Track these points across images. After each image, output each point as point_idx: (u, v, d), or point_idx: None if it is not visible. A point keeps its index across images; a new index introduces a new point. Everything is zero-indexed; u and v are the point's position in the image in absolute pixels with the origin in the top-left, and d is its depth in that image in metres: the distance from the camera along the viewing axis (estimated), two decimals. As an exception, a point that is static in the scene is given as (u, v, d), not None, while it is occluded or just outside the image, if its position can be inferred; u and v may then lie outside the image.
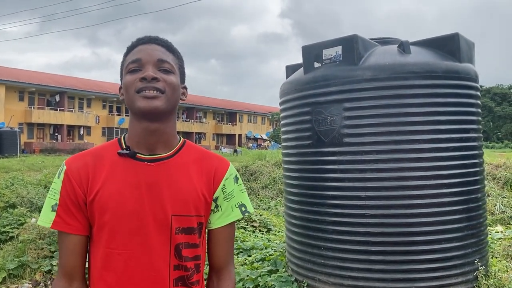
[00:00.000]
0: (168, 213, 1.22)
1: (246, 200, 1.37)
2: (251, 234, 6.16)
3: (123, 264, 1.21)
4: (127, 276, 1.21)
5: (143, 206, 1.22)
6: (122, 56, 1.32)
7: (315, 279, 3.30)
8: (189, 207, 1.24)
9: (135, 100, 1.20)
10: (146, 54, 1.23)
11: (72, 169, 1.24)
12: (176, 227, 1.23)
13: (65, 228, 1.22)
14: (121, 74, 1.29)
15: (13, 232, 5.48)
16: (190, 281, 1.27)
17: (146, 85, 1.19)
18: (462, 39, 3.24)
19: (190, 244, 1.26)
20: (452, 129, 3.11)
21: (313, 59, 3.34)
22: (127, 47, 1.31)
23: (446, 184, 3.06)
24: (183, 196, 1.24)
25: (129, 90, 1.21)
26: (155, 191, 1.23)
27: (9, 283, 4.50)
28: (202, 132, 54.85)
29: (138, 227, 1.21)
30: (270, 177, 11.65)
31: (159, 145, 1.26)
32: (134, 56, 1.24)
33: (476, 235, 3.18)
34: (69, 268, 1.24)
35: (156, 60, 1.22)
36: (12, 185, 8.19)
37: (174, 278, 1.24)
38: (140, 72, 1.21)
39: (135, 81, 1.20)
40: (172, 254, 1.23)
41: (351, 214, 3.10)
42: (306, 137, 3.37)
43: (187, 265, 1.25)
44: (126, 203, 1.21)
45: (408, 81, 3.04)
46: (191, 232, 1.26)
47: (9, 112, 37.36)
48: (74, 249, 1.23)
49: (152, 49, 1.24)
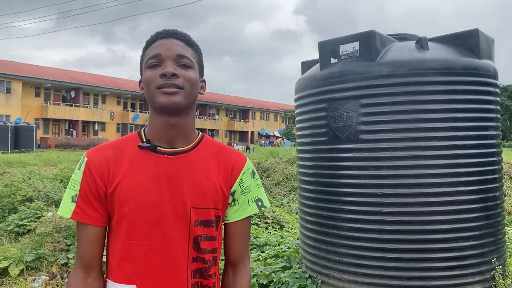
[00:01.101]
0: (187, 206, 1.24)
1: (262, 194, 1.38)
2: (264, 231, 6.18)
3: (142, 255, 1.22)
4: (146, 267, 1.22)
5: (163, 198, 1.23)
6: (141, 50, 1.32)
7: (330, 275, 3.30)
8: (207, 200, 1.26)
9: (156, 96, 1.21)
10: (165, 49, 1.24)
11: (93, 161, 1.26)
12: (195, 219, 1.25)
13: (85, 219, 1.24)
14: (141, 69, 1.30)
15: (31, 225, 5.58)
16: (208, 273, 1.28)
17: (166, 81, 1.20)
18: (482, 35, 3.19)
19: (208, 237, 1.27)
20: (470, 126, 3.07)
21: (330, 55, 3.32)
22: (146, 41, 1.31)
23: (463, 182, 3.02)
24: (202, 189, 1.26)
25: (150, 86, 1.23)
26: (175, 184, 1.25)
27: (26, 275, 4.58)
28: (214, 129, 54.99)
29: (157, 218, 1.22)
30: (282, 174, 11.64)
31: (179, 138, 1.28)
32: (154, 51, 1.24)
33: (493, 234, 3.14)
34: (87, 259, 1.25)
35: (176, 55, 1.24)
36: (29, 179, 8.31)
37: (192, 270, 1.25)
38: (160, 68, 1.22)
39: (155, 77, 1.22)
40: (191, 246, 1.25)
41: (366, 211, 3.08)
42: (321, 133, 3.36)
43: (205, 257, 1.27)
44: (146, 195, 1.22)
45: (426, 78, 3.00)
46: (209, 224, 1.27)
47: (26, 107, 37.94)
48: (93, 240, 1.25)
49: (171, 43, 1.25)
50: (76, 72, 46.84)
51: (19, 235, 5.64)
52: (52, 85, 40.45)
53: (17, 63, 41.25)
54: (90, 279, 1.25)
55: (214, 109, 56.15)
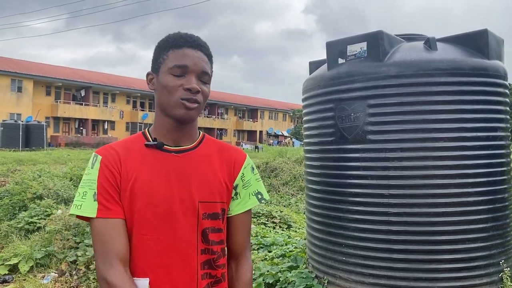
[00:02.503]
0: (195, 200, 1.30)
1: (262, 188, 1.47)
2: (271, 230, 6.18)
3: (153, 249, 1.27)
4: (158, 260, 1.27)
5: (172, 194, 1.29)
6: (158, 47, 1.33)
7: (336, 276, 3.30)
8: (214, 194, 1.33)
9: (177, 106, 1.27)
10: (192, 63, 1.29)
11: (108, 157, 1.30)
12: (203, 212, 1.31)
13: (110, 214, 1.24)
14: (156, 64, 1.32)
15: (40, 223, 5.65)
16: (217, 264, 1.35)
17: (190, 96, 1.27)
18: (491, 35, 3.17)
19: (215, 229, 1.34)
20: (478, 127, 3.05)
21: (337, 55, 3.32)
22: (169, 40, 1.32)
23: (471, 183, 3.00)
24: (208, 183, 1.33)
25: (172, 94, 1.27)
26: (183, 180, 1.31)
27: (36, 271, 4.64)
28: (223, 128, 55.12)
29: (167, 213, 1.28)
30: (290, 174, 11.65)
31: (184, 138, 1.35)
32: (181, 61, 1.28)
33: (502, 236, 3.12)
34: (122, 253, 1.23)
35: (201, 71, 1.30)
36: (40, 177, 8.41)
37: (201, 262, 1.31)
38: (184, 79, 1.27)
39: (179, 88, 1.27)
40: (199, 239, 1.31)
41: (373, 212, 3.08)
42: (328, 133, 3.36)
43: (213, 248, 1.33)
44: (156, 192, 1.28)
45: (434, 78, 2.99)
46: (216, 217, 1.34)
47: (37, 106, 38.34)
48: (120, 232, 1.24)
49: (198, 57, 1.30)
50: (86, 71, 47.25)
51: (29, 232, 5.70)
52: (63, 84, 40.84)
53: (28, 62, 41.70)
54: (129, 273, 1.24)
55: (222, 108, 56.25)
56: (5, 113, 35.58)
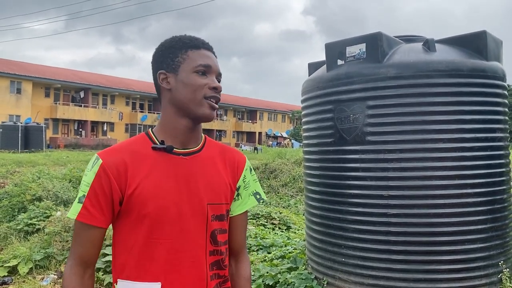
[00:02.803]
0: (204, 202, 1.32)
1: (259, 188, 1.50)
2: (270, 232, 6.18)
3: (165, 252, 1.27)
4: (169, 264, 1.27)
5: (181, 197, 1.29)
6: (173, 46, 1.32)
7: (335, 277, 3.30)
8: (220, 196, 1.35)
9: (202, 105, 1.29)
10: (214, 64, 1.34)
11: (109, 163, 1.26)
12: (211, 214, 1.33)
13: (91, 220, 1.25)
14: (173, 64, 1.30)
15: (40, 224, 5.64)
16: (224, 263, 1.38)
17: (215, 94, 1.31)
18: (490, 37, 3.18)
19: (222, 230, 1.37)
20: (477, 128, 3.06)
21: (336, 57, 3.33)
22: (185, 41, 1.33)
23: (470, 184, 3.01)
24: (215, 185, 1.35)
25: (197, 93, 1.29)
26: (192, 183, 1.31)
27: (35, 273, 4.63)
28: (222, 129, 55.10)
29: (178, 217, 1.28)
30: (290, 175, 11.65)
31: (192, 140, 1.36)
32: (205, 61, 1.31)
33: (501, 237, 3.12)
34: (86, 257, 1.28)
35: (219, 73, 1.35)
36: (39, 178, 8.40)
37: (210, 263, 1.33)
38: (207, 79, 1.30)
39: (205, 86, 1.29)
40: (208, 240, 1.33)
41: (373, 213, 3.08)
42: (328, 135, 3.36)
43: (221, 249, 1.36)
44: (166, 195, 1.28)
45: (433, 80, 3.00)
46: (223, 218, 1.37)
47: (36, 107, 38.32)
48: (94, 240, 1.27)
49: (215, 59, 1.37)
50: (86, 73, 47.23)
51: (28, 234, 5.70)
52: (62, 85, 40.82)
53: (27, 64, 41.70)
54: (87, 275, 1.28)
55: (222, 110, 56.26)
56: (4, 114, 35.57)
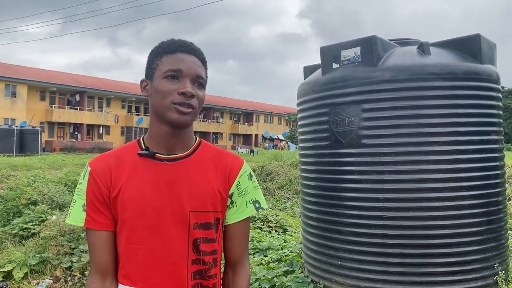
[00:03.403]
0: (186, 210, 1.28)
1: (260, 196, 1.43)
2: (267, 235, 6.17)
3: (143, 259, 1.27)
4: (147, 270, 1.27)
5: (162, 203, 1.27)
6: (152, 52, 1.33)
7: (332, 280, 3.30)
8: (206, 203, 1.31)
9: (169, 110, 1.26)
10: (187, 67, 1.27)
11: (96, 170, 1.31)
12: (194, 222, 1.29)
13: (95, 225, 1.28)
14: (150, 71, 1.32)
15: (35, 228, 5.60)
16: (208, 274, 1.32)
17: (183, 100, 1.25)
18: (484, 40, 3.20)
19: (207, 239, 1.32)
20: (472, 131, 3.07)
21: (332, 60, 3.34)
22: (163, 46, 1.32)
23: (465, 187, 3.02)
24: (201, 192, 1.31)
25: (165, 99, 1.26)
26: (174, 189, 1.29)
27: (30, 278, 4.60)
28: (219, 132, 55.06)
29: (157, 223, 1.27)
30: (286, 178, 11.64)
31: (178, 145, 1.33)
32: (175, 65, 1.27)
33: (496, 239, 3.13)
34: (102, 265, 1.29)
35: (195, 75, 1.28)
36: (34, 182, 8.34)
37: (192, 272, 1.29)
38: (178, 84, 1.26)
39: (173, 92, 1.25)
40: (190, 249, 1.29)
41: (368, 216, 3.08)
42: (323, 138, 3.37)
43: (204, 259, 1.31)
44: (146, 201, 1.27)
45: (427, 83, 3.01)
46: (208, 227, 1.32)
47: (31, 111, 38.15)
48: (105, 245, 1.29)
49: (192, 62, 1.29)
50: (81, 76, 47.10)
51: (23, 238, 5.66)
52: (57, 88, 40.66)
53: (23, 67, 41.53)
54: (108, 284, 1.30)
55: (218, 112, 56.22)
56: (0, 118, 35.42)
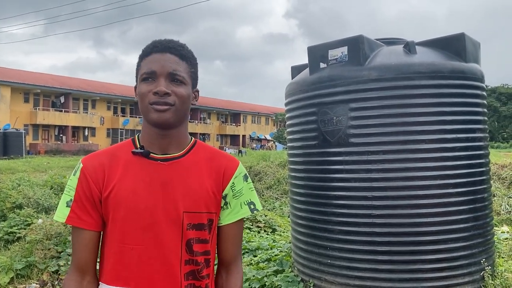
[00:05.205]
0: (179, 210, 1.28)
1: (255, 198, 1.43)
2: (256, 235, 6.17)
3: (136, 259, 1.26)
4: (140, 270, 1.26)
5: (155, 203, 1.27)
6: (137, 56, 1.36)
7: (322, 279, 3.31)
8: (199, 204, 1.30)
9: (148, 111, 1.27)
10: (159, 66, 1.27)
11: (88, 167, 1.30)
12: (187, 223, 1.29)
13: (79, 223, 1.28)
14: (136, 76, 1.34)
15: (20, 232, 5.51)
16: (201, 275, 1.32)
17: (158, 99, 1.25)
18: (468, 39, 3.25)
19: (200, 240, 1.32)
20: (458, 129, 3.11)
21: (319, 60, 3.35)
22: (143, 50, 1.34)
23: (452, 184, 3.06)
24: (194, 193, 1.30)
25: (143, 100, 1.28)
26: (168, 189, 1.29)
27: (16, 283, 4.53)
28: (206, 133, 54.90)
29: (150, 223, 1.26)
30: (274, 178, 11.65)
31: (171, 146, 1.33)
32: (148, 67, 1.28)
33: (482, 235, 3.18)
34: (82, 263, 1.29)
35: (168, 73, 1.27)
36: (19, 186, 8.21)
37: (185, 272, 1.29)
38: (153, 84, 1.26)
39: (148, 93, 1.26)
40: (184, 249, 1.29)
41: (357, 214, 3.10)
42: (312, 137, 3.38)
43: (197, 259, 1.31)
44: (139, 200, 1.27)
45: (414, 81, 3.04)
46: (202, 228, 1.31)
47: (15, 113, 37.55)
48: (87, 244, 1.29)
49: (165, 60, 1.28)
50: (66, 77, 46.53)
51: (8, 242, 5.57)
52: (42, 90, 40.12)
53: (6, 69, 40.86)
54: (85, 282, 1.30)
55: (205, 113, 56.08)
56: (-18, 121, 34.81)
